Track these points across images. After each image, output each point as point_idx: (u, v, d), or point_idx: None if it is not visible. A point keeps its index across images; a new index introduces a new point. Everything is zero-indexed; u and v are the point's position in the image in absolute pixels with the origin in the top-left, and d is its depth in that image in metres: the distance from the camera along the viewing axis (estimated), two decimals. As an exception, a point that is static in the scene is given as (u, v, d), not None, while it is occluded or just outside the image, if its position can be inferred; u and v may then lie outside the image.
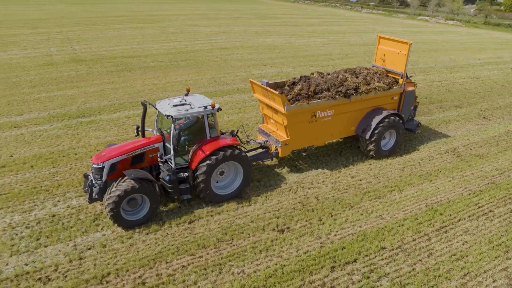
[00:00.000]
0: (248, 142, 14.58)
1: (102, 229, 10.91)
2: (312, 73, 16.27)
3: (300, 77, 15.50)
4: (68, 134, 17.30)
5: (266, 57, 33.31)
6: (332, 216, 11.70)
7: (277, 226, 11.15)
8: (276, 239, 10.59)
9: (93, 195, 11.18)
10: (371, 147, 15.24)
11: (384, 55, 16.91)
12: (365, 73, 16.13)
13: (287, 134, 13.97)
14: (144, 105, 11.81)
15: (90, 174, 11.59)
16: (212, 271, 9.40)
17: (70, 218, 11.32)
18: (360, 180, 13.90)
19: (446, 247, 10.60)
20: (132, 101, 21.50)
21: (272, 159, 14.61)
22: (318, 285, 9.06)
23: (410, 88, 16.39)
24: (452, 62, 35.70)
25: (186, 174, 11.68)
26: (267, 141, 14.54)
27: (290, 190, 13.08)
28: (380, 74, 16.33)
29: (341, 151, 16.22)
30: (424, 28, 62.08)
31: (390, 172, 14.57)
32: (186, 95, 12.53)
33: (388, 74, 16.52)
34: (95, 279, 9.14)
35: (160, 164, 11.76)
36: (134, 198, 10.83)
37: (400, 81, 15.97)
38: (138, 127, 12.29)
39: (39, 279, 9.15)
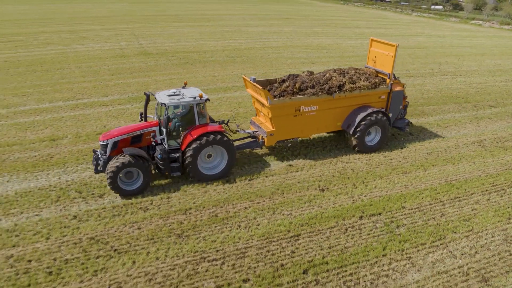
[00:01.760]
0: (238, 131, 16.30)
1: (184, 179, 14.19)
2: (303, 72, 17.66)
3: (289, 75, 16.93)
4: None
5: (314, 56, 35.92)
6: (364, 183, 14.34)
7: (319, 186, 13.98)
8: (317, 195, 13.41)
9: (99, 167, 13.50)
10: (355, 141, 16.46)
11: (375, 56, 17.89)
12: (353, 73, 17.16)
13: (272, 126, 15.46)
14: (147, 95, 13.95)
15: (98, 150, 13.93)
16: (267, 212, 12.39)
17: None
18: (391, 159, 16.36)
19: (457, 211, 12.94)
20: (196, 89, 24.92)
21: (261, 148, 16.34)
22: (349, 227, 11.79)
23: (398, 88, 17.19)
24: (497, 66, 36.60)
25: (178, 154, 13.71)
26: (257, 131, 16.13)
27: (331, 163, 15.83)
28: (369, 74, 17.29)
29: (377, 137, 18.68)
30: (476, 33, 61.90)
31: (418, 155, 16.89)
32: (183, 87, 14.49)
33: (378, 75, 17.46)
34: (180, 211, 12.39)
35: (153, 143, 13.74)
36: (130, 171, 12.95)
37: (388, 81, 16.95)
38: (141, 114, 14.39)
39: (140, 208, 12.52)
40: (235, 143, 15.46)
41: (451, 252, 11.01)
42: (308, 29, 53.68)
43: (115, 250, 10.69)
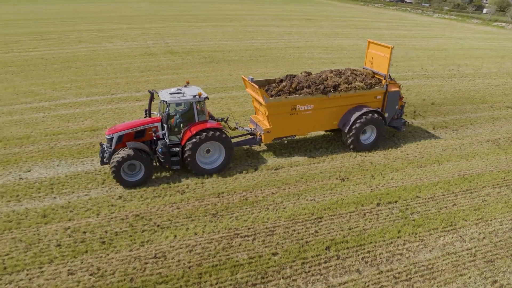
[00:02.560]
0: (237, 128, 17.11)
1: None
2: (301, 72, 18.20)
3: (287, 75, 17.55)
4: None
5: (334, 57, 36.96)
6: (381, 174, 15.45)
7: (339, 176, 15.16)
8: (338, 184, 14.60)
9: (104, 159, 14.43)
10: (350, 140, 16.96)
11: (372, 58, 18.29)
12: (349, 74, 17.65)
13: (269, 123, 16.12)
14: (151, 93, 14.92)
15: (104, 143, 14.87)
16: (293, 197, 13.65)
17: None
18: (407, 154, 17.41)
19: (468, 201, 13.94)
20: (223, 86, 26.36)
21: (259, 145, 16.97)
22: (367, 212, 12.95)
23: (393, 89, 17.60)
24: (516, 68, 36.98)
25: (178, 149, 14.60)
26: (255, 129, 16.79)
27: (351, 156, 16.98)
28: (365, 75, 17.74)
29: (394, 133, 19.69)
30: (497, 35, 61.79)
31: (433, 151, 17.87)
32: (185, 86, 15.32)
33: (375, 76, 17.89)
34: (213, 194, 13.76)
35: (154, 138, 14.61)
36: (133, 163, 13.86)
37: (383, 82, 17.40)
38: (146, 110, 15.37)
39: (178, 191, 13.93)
40: (234, 140, 16.30)
41: (461, 236, 12.07)
42: (328, 30, 54.63)
43: (158, 225, 12.10)
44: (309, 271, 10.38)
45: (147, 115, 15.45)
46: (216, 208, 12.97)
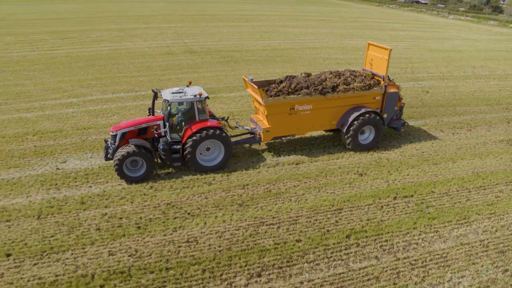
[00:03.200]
0: (237, 127, 17.59)
1: (238, 161, 16.42)
2: (301, 74, 18.42)
3: (286, 76, 17.85)
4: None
5: (350, 57, 37.56)
6: (397, 170, 16.15)
7: (357, 171, 15.92)
8: (356, 179, 15.36)
9: (108, 155, 15.00)
10: (348, 140, 17.30)
11: (372, 59, 18.58)
12: (348, 75, 17.92)
13: (268, 123, 16.52)
14: (154, 92, 15.41)
15: (108, 140, 15.39)
16: (313, 190, 14.46)
17: (215, 154, 16.97)
18: (423, 152, 18.06)
19: (482, 197, 14.58)
20: (242, 85, 27.16)
21: (259, 144, 17.42)
22: (384, 205, 13.69)
23: (392, 90, 17.85)
24: (531, 70, 37.16)
25: (179, 146, 15.09)
26: (255, 128, 17.20)
27: (368, 153, 17.70)
28: (365, 76, 17.97)
29: (410, 132, 20.34)
30: (514, 37, 61.67)
31: (448, 149, 18.48)
32: (187, 86, 15.79)
33: (374, 77, 18.20)
34: (239, 186, 14.64)
35: (155, 135, 15.16)
36: (135, 160, 14.42)
37: (382, 83, 17.69)
38: (149, 109, 15.86)
39: (205, 182, 14.83)
40: (235, 139, 16.88)
41: (474, 229, 12.73)
42: (343, 30, 55.16)
43: (188, 213, 13.00)
44: (331, 257, 11.18)
45: (151, 113, 16.00)
46: (242, 198, 13.83)
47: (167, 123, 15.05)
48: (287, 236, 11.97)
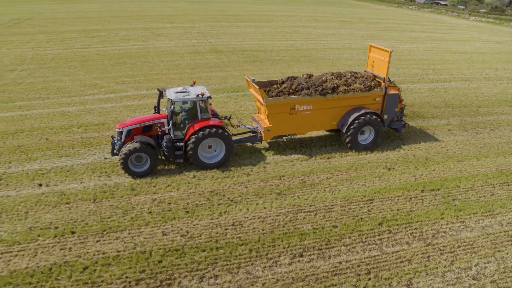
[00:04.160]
0: (239, 126, 18.21)
1: (273, 154, 17.51)
2: (302, 75, 18.83)
3: (288, 77, 18.39)
4: (231, 101, 24.54)
5: (372, 58, 38.27)
6: (424, 166, 17.04)
7: (386, 166, 16.86)
8: (385, 173, 16.31)
9: (115, 151, 15.75)
10: (348, 139, 17.65)
11: (373, 61, 18.87)
12: (349, 76, 18.34)
13: (269, 122, 17.00)
14: (160, 91, 16.10)
15: (115, 136, 16.16)
16: (345, 182, 15.46)
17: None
18: (447, 150, 18.87)
19: (506, 193, 15.37)
20: (269, 84, 28.27)
21: (260, 142, 17.99)
22: (412, 197, 14.62)
23: (393, 91, 18.15)
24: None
25: (181, 144, 15.74)
26: (256, 127, 17.73)
27: (395, 149, 18.61)
28: (366, 78, 18.32)
29: (435, 131, 21.14)
30: (536, 39, 61.38)
31: (471, 148, 19.25)
32: (191, 86, 16.46)
33: (376, 79, 18.52)
34: (275, 177, 15.72)
35: (159, 133, 15.85)
36: (139, 155, 15.18)
37: (382, 84, 18.01)
38: (155, 107, 16.62)
39: (244, 173, 15.96)
40: (237, 137, 17.57)
41: (498, 221, 13.57)
42: (364, 32, 55.81)
43: (231, 200, 14.13)
44: (365, 241, 12.18)
45: (156, 111, 16.73)
46: (279, 188, 14.91)
47: (170, 121, 15.78)
48: (324, 222, 13.01)
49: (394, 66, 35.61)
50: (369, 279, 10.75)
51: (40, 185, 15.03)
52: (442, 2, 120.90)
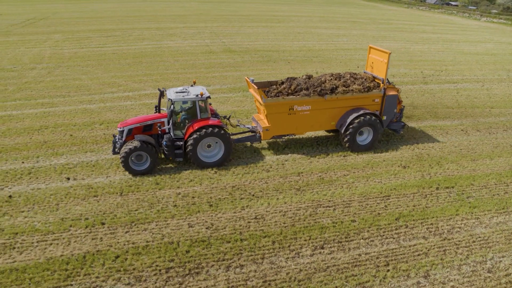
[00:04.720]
0: (238, 125, 18.52)
1: (290, 151, 18.05)
2: (302, 76, 19.02)
3: (287, 78, 18.49)
4: (247, 100, 25.10)
5: (384, 59, 38.61)
6: (438, 164, 17.46)
7: (401, 164, 17.31)
8: (400, 171, 16.76)
9: (116, 149, 16.11)
10: (346, 140, 17.76)
11: (372, 63, 19.02)
12: (348, 77, 18.51)
13: (268, 122, 17.22)
14: (160, 91, 16.42)
15: (116, 135, 16.46)
16: (362, 179, 15.96)
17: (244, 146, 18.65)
18: (461, 149, 19.26)
19: (519, 191, 15.78)
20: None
21: (260, 142, 18.30)
22: (428, 194, 15.07)
23: (392, 93, 18.23)
24: None
25: (181, 143, 16.04)
26: (256, 127, 17.97)
27: (409, 148, 19.04)
28: (365, 79, 18.44)
29: (448, 131, 21.52)
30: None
31: (485, 147, 19.60)
32: (192, 86, 16.73)
33: (375, 80, 18.62)
34: (294, 173, 16.26)
35: (159, 132, 16.15)
36: (140, 154, 15.44)
37: (381, 85, 18.13)
38: (156, 106, 16.98)
39: (263, 169, 16.52)
40: (237, 136, 17.95)
41: (512, 218, 13.99)
42: (375, 32, 56.09)
43: (253, 195, 14.69)
44: (383, 235, 12.67)
45: (157, 110, 17.09)
46: (299, 184, 15.44)
47: (170, 121, 16.12)
48: (343, 216, 13.51)
49: (406, 67, 35.99)
50: (388, 270, 11.24)
51: (68, 178, 15.70)
52: (453, 3, 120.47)
